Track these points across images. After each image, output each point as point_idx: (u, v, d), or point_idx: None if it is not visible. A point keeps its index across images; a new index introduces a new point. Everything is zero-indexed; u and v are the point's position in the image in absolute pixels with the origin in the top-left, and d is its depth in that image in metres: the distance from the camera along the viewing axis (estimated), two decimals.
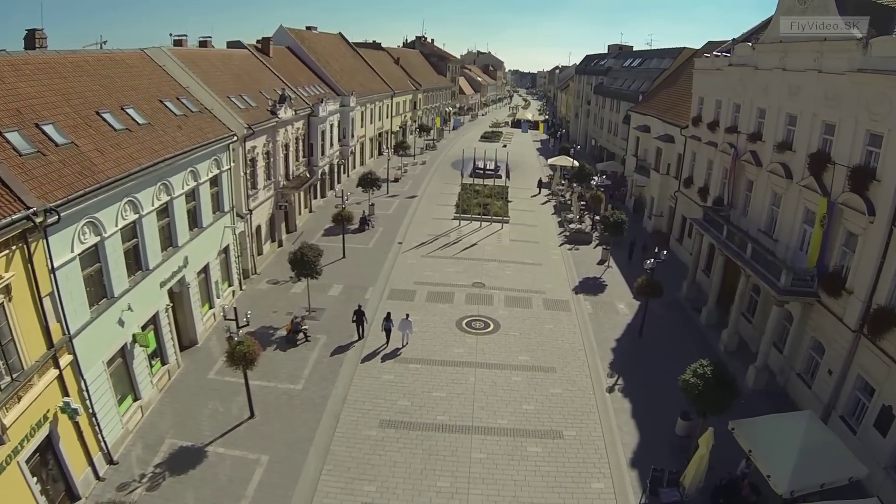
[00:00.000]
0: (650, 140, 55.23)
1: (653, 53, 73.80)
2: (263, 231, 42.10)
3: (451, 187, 64.43)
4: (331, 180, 62.71)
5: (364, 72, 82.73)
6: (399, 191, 62.93)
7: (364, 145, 76.47)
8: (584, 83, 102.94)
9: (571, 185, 64.10)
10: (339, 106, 61.35)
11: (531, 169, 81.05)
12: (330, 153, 58.63)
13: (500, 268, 41.72)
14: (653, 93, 62.64)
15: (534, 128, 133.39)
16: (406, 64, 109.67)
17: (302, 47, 66.10)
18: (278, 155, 43.37)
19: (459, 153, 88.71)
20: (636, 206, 58.83)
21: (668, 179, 50.03)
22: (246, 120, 36.97)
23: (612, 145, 76.90)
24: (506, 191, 61.61)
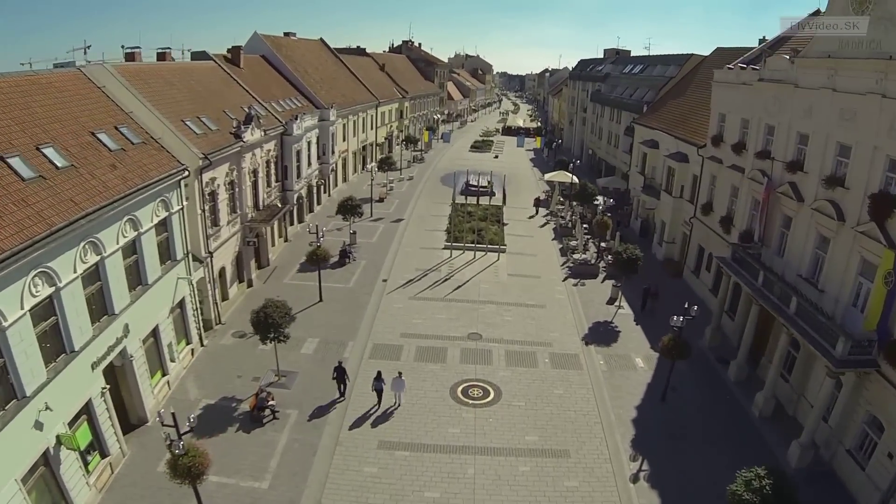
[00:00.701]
0: (659, 157, 51.07)
1: (656, 60, 69.70)
2: (229, 273, 37.49)
3: (441, 207, 59.99)
4: (309, 202, 58.12)
5: (347, 80, 78.21)
6: (384, 212, 58.38)
7: (347, 160, 71.92)
8: (580, 89, 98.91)
9: (571, 205, 59.85)
10: (317, 121, 56.80)
11: (526, 183, 76.89)
12: (308, 173, 54.02)
13: (499, 312, 37.24)
14: (659, 103, 58.50)
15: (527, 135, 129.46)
16: (392, 70, 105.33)
17: (278, 56, 61.54)
18: (245, 184, 38.74)
19: (449, 165, 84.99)
20: (643, 228, 54.61)
21: (681, 203, 45.85)
22: (203, 148, 32.36)
23: (613, 158, 72.71)
24: (500, 212, 57.12)
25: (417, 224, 55.14)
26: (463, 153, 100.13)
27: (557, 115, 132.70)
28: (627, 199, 61.88)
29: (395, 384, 27.19)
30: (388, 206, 61.47)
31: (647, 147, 52.86)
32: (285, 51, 65.29)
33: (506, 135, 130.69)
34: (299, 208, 54.33)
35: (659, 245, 49.57)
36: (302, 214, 55.30)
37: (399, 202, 63.14)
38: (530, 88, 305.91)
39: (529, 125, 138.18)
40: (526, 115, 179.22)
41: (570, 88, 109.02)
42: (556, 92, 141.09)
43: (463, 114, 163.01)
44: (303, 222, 55.26)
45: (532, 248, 50.11)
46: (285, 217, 49.33)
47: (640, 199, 54.22)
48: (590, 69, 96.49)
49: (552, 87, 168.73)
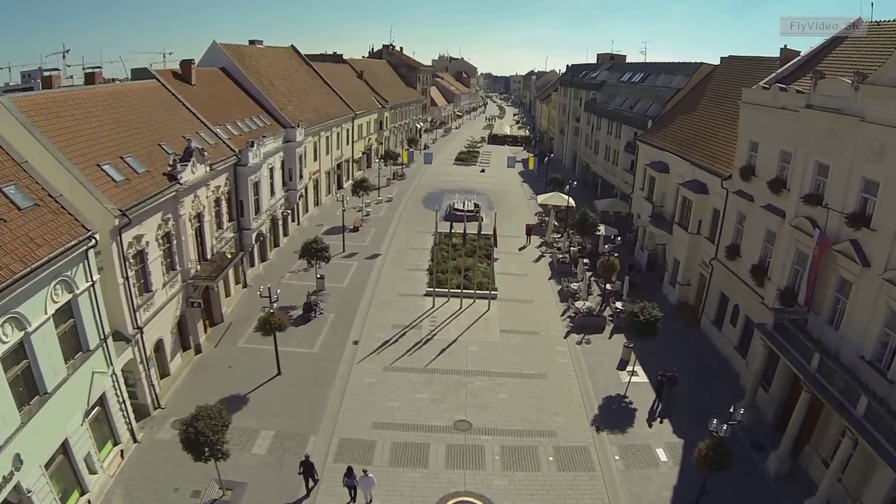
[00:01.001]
0: (670, 183, 45.50)
1: (659, 68, 64.07)
2: (169, 343, 31.36)
3: (423, 238, 54.12)
4: (274, 236, 51.89)
5: (320, 92, 72.05)
6: (358, 245, 52.31)
7: (319, 181, 65.76)
8: (571, 97, 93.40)
9: (567, 232, 54.05)
10: (281, 142, 50.72)
11: (516, 202, 71.09)
12: (270, 205, 47.95)
13: (492, 387, 31.36)
14: (665, 118, 52.89)
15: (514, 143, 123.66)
16: (371, 77, 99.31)
17: (239, 67, 55.33)
18: (185, 233, 32.55)
19: (432, 182, 79.04)
20: (651, 262, 48.90)
21: (699, 241, 40.26)
22: (122, 200, 26.21)
23: (611, 175, 67.01)
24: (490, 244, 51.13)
25: (396, 261, 49.10)
26: (447, 166, 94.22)
27: (546, 122, 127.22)
28: (630, 226, 56.17)
29: (363, 483, 23.12)
30: (364, 236, 55.34)
31: (656, 171, 47.20)
32: (249, 61, 59.13)
33: (492, 143, 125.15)
34: (262, 246, 48.10)
35: (671, 286, 43.95)
36: (265, 252, 49.11)
37: (376, 230, 57.03)
38: (515, 90, 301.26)
39: (517, 132, 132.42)
40: (513, 121, 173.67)
41: (560, 95, 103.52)
42: (544, 97, 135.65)
43: (447, 120, 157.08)
44: (266, 260, 49.08)
45: (527, 290, 44.23)
46: (243, 260, 43.11)
47: (648, 230, 48.44)
48: (582, 76, 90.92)
49: (540, 90, 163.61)
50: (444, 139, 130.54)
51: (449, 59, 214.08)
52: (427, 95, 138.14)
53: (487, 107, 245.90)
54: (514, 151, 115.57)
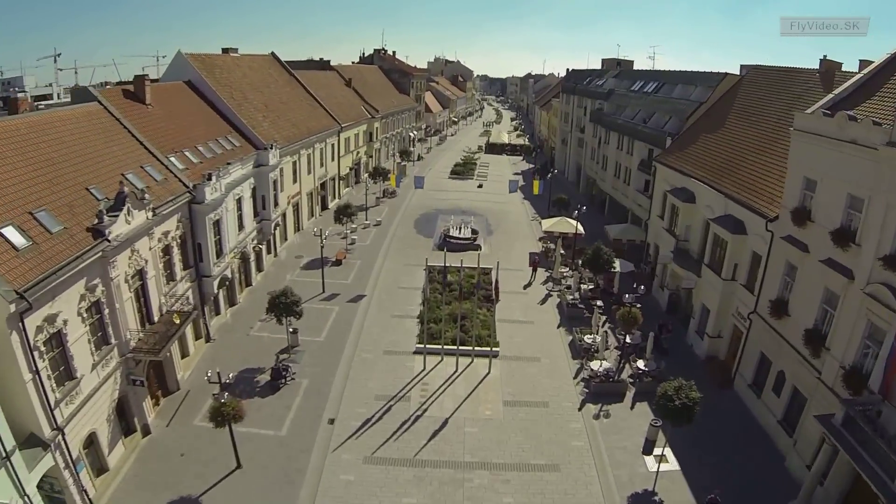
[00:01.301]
0: (697, 215, 40.12)
1: (675, 77, 58.53)
2: (105, 435, 25.91)
3: (414, 274, 48.74)
4: (246, 275, 46.33)
5: (302, 104, 66.57)
6: (340, 285, 46.75)
7: (300, 205, 60.14)
8: (574, 105, 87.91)
9: (577, 266, 48.54)
10: (251, 167, 45.13)
11: (517, 225, 65.51)
12: (238, 242, 42.52)
13: (494, 487, 25.97)
14: (688, 137, 47.45)
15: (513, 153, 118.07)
16: (361, 85, 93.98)
17: (207, 80, 49.85)
18: (121, 298, 26.92)
19: (425, 201, 73.51)
20: (672, 303, 43.38)
21: (734, 288, 34.81)
22: (24, 273, 20.80)
23: (623, 196, 61.45)
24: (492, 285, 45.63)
25: (383, 304, 43.54)
26: (441, 181, 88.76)
27: (546, 130, 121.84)
28: (646, 256, 50.66)
29: None
30: (347, 271, 49.74)
31: (679, 199, 41.72)
32: (220, 73, 53.65)
33: (490, 153, 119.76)
34: (229, 289, 42.57)
35: (698, 336, 38.45)
36: (234, 295, 43.58)
37: (362, 263, 51.41)
38: (512, 93, 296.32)
39: (515, 141, 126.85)
40: (510, 127, 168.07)
41: (562, 102, 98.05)
42: (544, 104, 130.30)
43: (442, 127, 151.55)
44: (235, 305, 43.54)
45: (533, 344, 38.65)
46: (204, 312, 37.56)
47: (670, 267, 42.93)
48: (587, 82, 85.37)
49: (538, 95, 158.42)
50: (438, 148, 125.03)
51: (444, 62, 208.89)
52: (421, 102, 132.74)
53: (484, 111, 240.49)
54: (513, 161, 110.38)
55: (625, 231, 53.47)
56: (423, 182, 62.16)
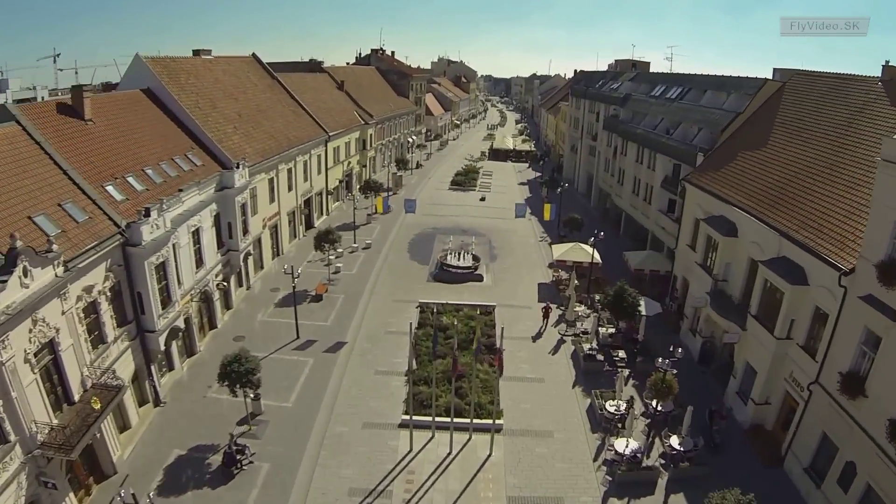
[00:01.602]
0: (741, 252, 33.39)
1: (703, 82, 51.63)
2: None
3: (405, 312, 42.20)
4: (208, 316, 39.82)
5: (283, 112, 60.02)
6: (318, 329, 40.22)
7: (279, 227, 53.44)
8: (585, 109, 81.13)
9: (592, 302, 41.91)
10: (213, 191, 38.62)
11: (523, 247, 58.74)
12: (196, 282, 36.01)
13: None
14: (724, 153, 40.74)
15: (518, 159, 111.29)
16: (355, 88, 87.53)
17: (167, 88, 43.18)
18: (18, 385, 20.33)
19: (421, 217, 66.74)
20: (704, 353, 36.71)
21: (788, 347, 28.15)
22: None
23: (642, 215, 54.64)
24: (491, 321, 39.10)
25: (365, 355, 36.95)
26: (441, 192, 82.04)
27: (554, 135, 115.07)
28: (672, 291, 43.94)
29: None
30: (328, 309, 43.14)
31: (717, 231, 34.97)
32: (185, 79, 47.14)
33: (494, 159, 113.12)
34: (186, 337, 36.04)
35: (740, 399, 31.75)
36: (192, 345, 37.13)
37: (345, 299, 44.76)
38: (517, 94, 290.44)
39: (521, 146, 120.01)
40: (515, 130, 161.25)
41: (571, 107, 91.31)
42: (551, 106, 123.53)
43: (444, 131, 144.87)
44: (194, 355, 37.02)
45: (545, 411, 31.95)
46: (151, 371, 31.00)
47: (705, 312, 36.18)
48: (599, 85, 78.50)
49: (544, 97, 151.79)
50: (439, 154, 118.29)
51: (447, 62, 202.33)
52: (421, 104, 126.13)
53: (488, 112, 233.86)
54: (518, 169, 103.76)
55: (647, 260, 46.65)
56: (414, 206, 54.51)
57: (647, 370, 33.37)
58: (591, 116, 79.12)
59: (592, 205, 76.45)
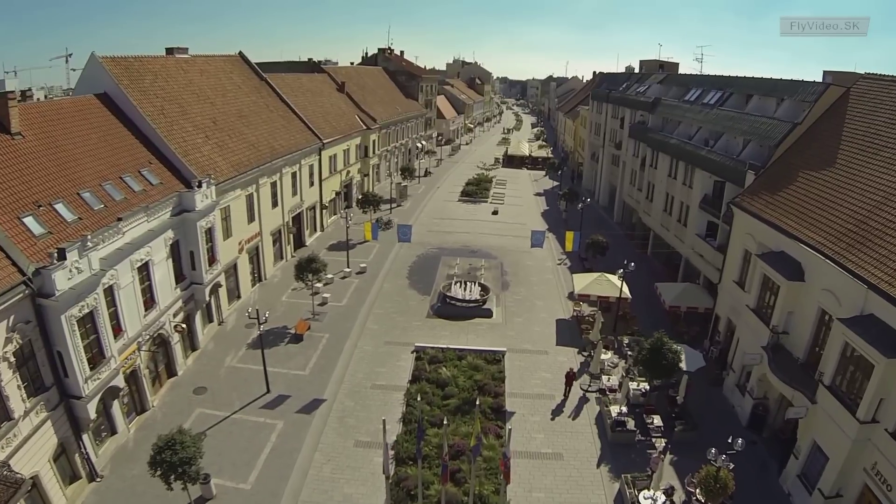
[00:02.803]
0: (808, 299, 26.99)
1: (749, 85, 45.07)
2: None
3: (398, 360, 36.48)
4: (166, 363, 34.04)
5: (271, 117, 54.44)
6: (294, 378, 34.52)
7: (260, 250, 47.64)
8: (608, 114, 74.87)
9: (623, 351, 35.75)
10: (168, 217, 32.84)
11: (538, 270, 52.69)
12: (143, 328, 30.32)
13: None
14: (782, 171, 34.52)
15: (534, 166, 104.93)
16: (358, 89, 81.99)
17: (126, 93, 37.49)
18: None
19: (426, 235, 60.87)
20: (755, 419, 30.43)
21: (874, 433, 21.73)
22: None
23: (677, 240, 48.21)
24: (504, 387, 33.00)
25: (345, 418, 31.09)
26: (449, 206, 76.04)
27: (573, 141, 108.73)
28: (714, 335, 37.68)
29: None
30: (308, 352, 37.31)
31: (779, 272, 28.68)
32: (151, 81, 41.62)
33: (508, 166, 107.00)
34: (134, 392, 30.25)
35: (802, 486, 25.41)
36: (141, 401, 31.38)
37: (329, 340, 38.88)
38: (533, 96, 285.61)
39: (537, 153, 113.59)
40: (531, 135, 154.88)
41: (592, 111, 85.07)
42: (569, 110, 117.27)
43: (455, 135, 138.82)
44: (146, 412, 31.11)
45: (563, 501, 25.55)
46: (81, 443, 25.24)
47: (759, 371, 29.83)
48: (624, 88, 72.14)
49: (561, 100, 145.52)
50: (450, 160, 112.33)
51: (462, 63, 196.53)
52: (432, 107, 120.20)
53: (503, 115, 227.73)
54: (534, 178, 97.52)
55: (684, 295, 40.33)
56: (409, 233, 46.61)
57: (687, 440, 27.30)
58: (614, 122, 72.84)
59: (616, 220, 70.13)
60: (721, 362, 36.32)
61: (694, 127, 48.65)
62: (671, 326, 40.95)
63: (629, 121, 65.36)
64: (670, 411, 31.19)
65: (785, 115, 38.05)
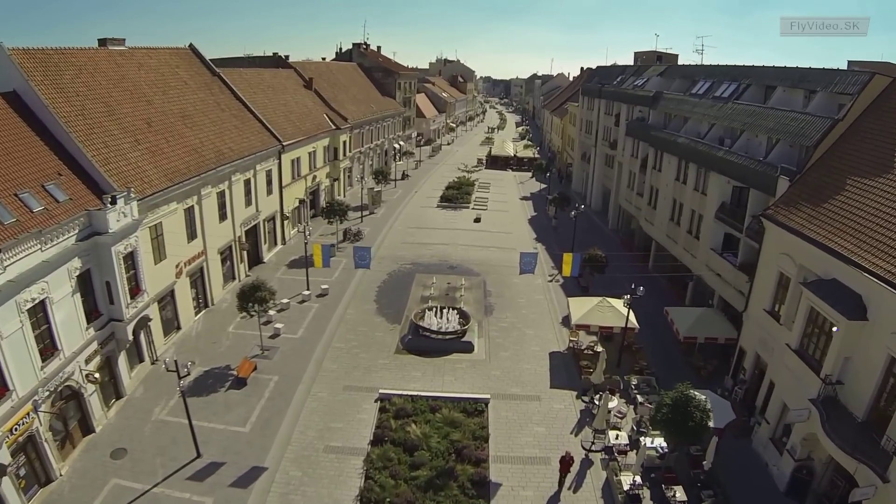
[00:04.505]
0: (873, 344, 21.39)
1: (770, 75, 39.27)
2: None
3: (357, 410, 30.60)
4: (83, 416, 27.64)
5: (221, 117, 48.39)
6: (231, 435, 28.68)
7: (205, 272, 41.31)
8: (601, 111, 69.25)
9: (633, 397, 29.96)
10: (74, 241, 26.65)
11: (526, 290, 46.52)
12: (37, 385, 24.30)
13: None
14: (824, 177, 28.79)
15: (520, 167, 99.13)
16: (330, 86, 76.14)
17: (37, 91, 31.14)
18: None
19: (400, 247, 54.81)
20: (796, 482, 25.14)
21: None
22: None
23: (688, 256, 42.42)
24: (487, 447, 27.04)
25: (290, 493, 25.25)
26: (427, 212, 70.05)
27: (560, 140, 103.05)
28: (739, 371, 31.95)
29: None
30: (253, 398, 31.35)
31: (833, 305, 23.02)
32: (71, 78, 35.33)
33: (492, 167, 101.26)
34: (37, 457, 23.85)
35: None
36: (46, 468, 25.01)
37: (278, 383, 32.82)
38: (517, 95, 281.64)
39: (523, 153, 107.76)
40: (516, 134, 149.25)
41: (582, 108, 79.34)
42: (555, 108, 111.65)
43: (437, 135, 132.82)
44: (52, 482, 24.84)
45: None
46: None
47: (811, 434, 23.95)
48: (618, 82, 66.44)
49: (547, 97, 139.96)
50: (430, 162, 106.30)
51: (444, 61, 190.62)
52: (411, 106, 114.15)
53: (486, 115, 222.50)
54: (520, 180, 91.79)
55: (700, 324, 34.53)
56: (368, 258, 37.05)
57: None
58: (608, 119, 67.20)
59: (611, 227, 64.37)
60: (747, 405, 30.63)
61: (704, 123, 43.00)
62: (684, 359, 35.26)
63: (626, 117, 59.70)
64: (694, 477, 25.27)
65: (820, 110, 32.42)
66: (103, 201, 29.47)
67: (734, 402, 30.37)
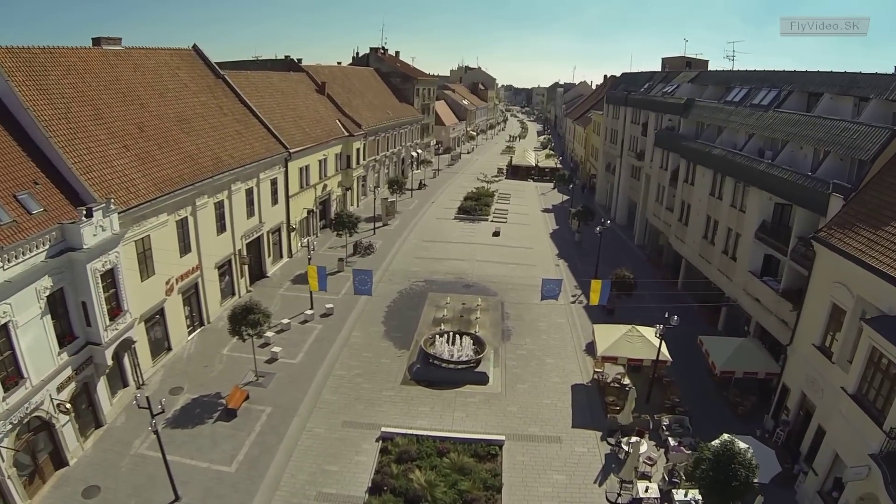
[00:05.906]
0: None
1: (822, 81, 36.02)
2: None
3: (354, 452, 28.06)
4: (54, 449, 25.29)
5: (223, 122, 46.30)
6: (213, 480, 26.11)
7: (200, 287, 38.92)
8: (627, 120, 66.21)
9: (666, 448, 26.89)
10: (44, 258, 24.28)
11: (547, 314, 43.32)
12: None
13: None
14: (884, 194, 25.46)
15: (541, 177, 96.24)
16: (344, 91, 74.06)
17: (18, 94, 29.09)
18: None
19: (412, 261, 52.16)
20: None
21: None
22: None
23: (723, 277, 39.27)
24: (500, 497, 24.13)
25: None
26: (443, 224, 67.35)
27: (584, 149, 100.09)
28: (783, 411, 28.77)
29: None
30: (242, 433, 28.85)
31: None
32: (57, 79, 33.40)
33: (513, 177, 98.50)
34: None
35: None
36: None
37: (271, 416, 30.26)
38: (539, 103, 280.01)
39: (545, 163, 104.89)
40: (537, 143, 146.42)
41: (608, 116, 76.35)
42: (578, 116, 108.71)
43: (456, 143, 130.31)
44: None
45: None
46: None
47: (870, 493, 20.75)
48: (646, 89, 63.42)
49: (570, 105, 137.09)
50: (449, 170, 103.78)
51: (465, 68, 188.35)
52: (430, 113, 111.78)
53: (508, 123, 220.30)
54: (541, 191, 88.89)
55: (739, 357, 31.38)
56: (370, 283, 33.79)
57: None
58: (634, 129, 64.20)
59: (636, 243, 61.22)
60: (790, 449, 27.48)
61: (742, 134, 39.93)
62: (719, 393, 32.14)
63: (654, 126, 56.67)
64: None
65: (874, 120, 29.20)
66: (78, 213, 27.03)
67: (776, 447, 27.24)
